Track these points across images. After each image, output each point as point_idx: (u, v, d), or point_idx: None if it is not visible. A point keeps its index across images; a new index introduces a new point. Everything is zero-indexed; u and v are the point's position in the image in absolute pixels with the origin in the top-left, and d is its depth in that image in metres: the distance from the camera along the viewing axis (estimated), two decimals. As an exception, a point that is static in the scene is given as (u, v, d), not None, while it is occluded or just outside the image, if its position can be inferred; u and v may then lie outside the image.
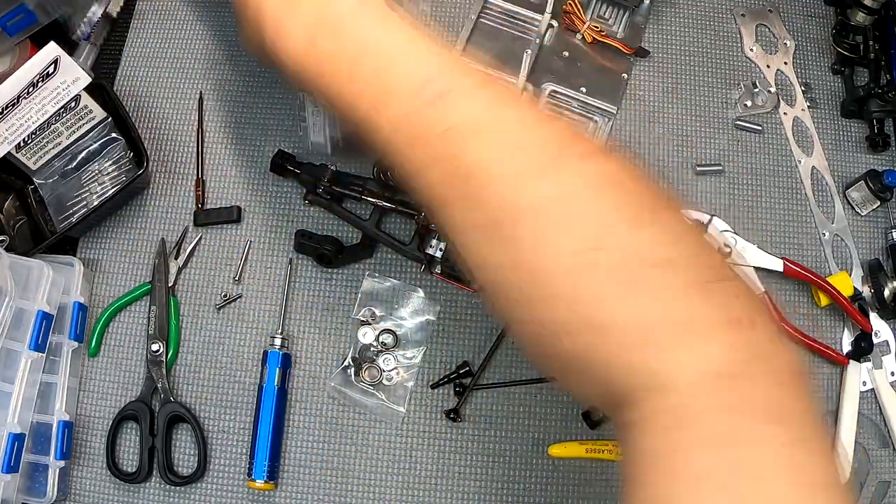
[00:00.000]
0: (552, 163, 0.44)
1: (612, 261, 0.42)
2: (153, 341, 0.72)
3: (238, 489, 0.70)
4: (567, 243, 0.43)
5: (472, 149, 0.45)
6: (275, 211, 0.77)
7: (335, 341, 0.73)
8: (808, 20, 0.84)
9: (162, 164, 0.78)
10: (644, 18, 0.83)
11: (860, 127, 0.80)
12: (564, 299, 0.42)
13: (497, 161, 0.45)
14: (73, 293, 0.71)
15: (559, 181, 0.44)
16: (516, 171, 0.45)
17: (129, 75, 0.82)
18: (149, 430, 0.70)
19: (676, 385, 0.39)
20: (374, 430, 0.71)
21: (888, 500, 0.69)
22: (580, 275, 0.42)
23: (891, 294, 0.72)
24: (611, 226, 0.43)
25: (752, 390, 0.39)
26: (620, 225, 0.43)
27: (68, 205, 0.77)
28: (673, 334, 0.40)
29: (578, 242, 0.43)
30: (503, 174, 0.45)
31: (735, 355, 0.40)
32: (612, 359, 0.41)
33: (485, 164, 0.45)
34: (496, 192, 0.44)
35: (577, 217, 0.43)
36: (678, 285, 0.41)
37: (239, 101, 0.80)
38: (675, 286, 0.41)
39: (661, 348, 0.40)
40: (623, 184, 0.45)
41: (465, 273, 0.68)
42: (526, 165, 0.45)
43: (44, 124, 0.73)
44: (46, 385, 0.68)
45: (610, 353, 0.41)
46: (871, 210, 0.77)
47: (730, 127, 0.80)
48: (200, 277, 0.75)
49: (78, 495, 0.70)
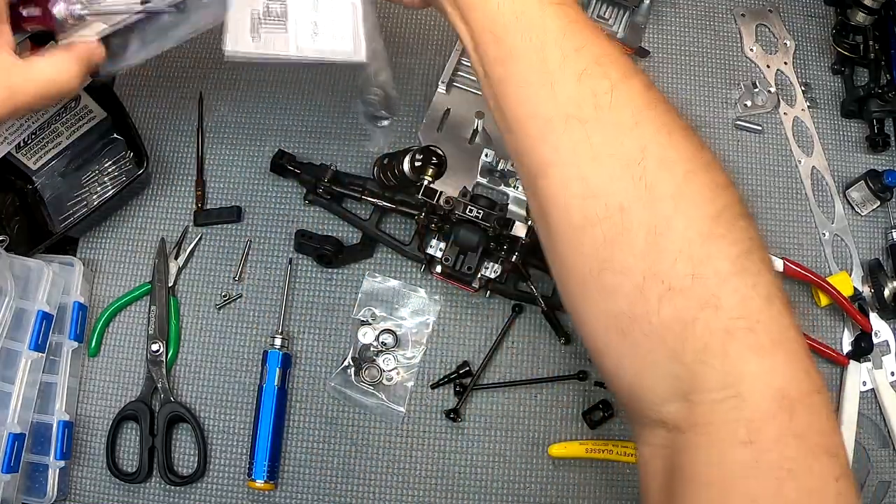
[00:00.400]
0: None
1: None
2: (153, 341, 0.72)
3: (238, 489, 0.70)
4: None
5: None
6: (275, 211, 0.77)
7: (335, 341, 0.73)
8: (808, 20, 0.84)
9: (162, 164, 0.78)
10: (644, 18, 0.83)
11: (860, 127, 0.80)
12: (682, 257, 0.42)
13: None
14: (73, 293, 0.71)
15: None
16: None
17: (129, 75, 0.82)
18: (149, 430, 0.70)
19: (753, 397, 0.40)
20: (374, 430, 0.71)
21: (888, 500, 0.69)
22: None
23: (891, 294, 0.72)
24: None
25: (810, 419, 0.40)
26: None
27: (68, 205, 0.77)
28: (766, 339, 0.41)
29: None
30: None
31: (802, 383, 0.41)
32: (708, 341, 0.41)
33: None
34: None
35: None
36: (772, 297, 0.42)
37: (239, 101, 0.80)
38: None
39: (754, 349, 0.41)
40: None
41: (464, 274, 0.68)
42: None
43: (44, 124, 0.73)
44: (46, 385, 0.68)
45: (708, 332, 0.41)
46: (871, 210, 0.77)
47: (730, 127, 0.80)
48: (200, 277, 0.75)
49: (78, 495, 0.70)
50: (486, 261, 0.70)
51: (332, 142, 0.79)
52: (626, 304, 0.43)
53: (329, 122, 0.80)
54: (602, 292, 0.45)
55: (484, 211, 0.66)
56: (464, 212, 0.66)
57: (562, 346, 0.73)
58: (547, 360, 0.73)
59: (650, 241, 0.42)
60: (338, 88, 0.81)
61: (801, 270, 0.73)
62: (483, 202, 0.67)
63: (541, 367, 0.72)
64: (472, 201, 0.66)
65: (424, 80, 0.81)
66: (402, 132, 0.79)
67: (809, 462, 0.39)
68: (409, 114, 0.80)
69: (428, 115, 0.79)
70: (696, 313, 0.41)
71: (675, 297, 0.42)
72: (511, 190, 0.76)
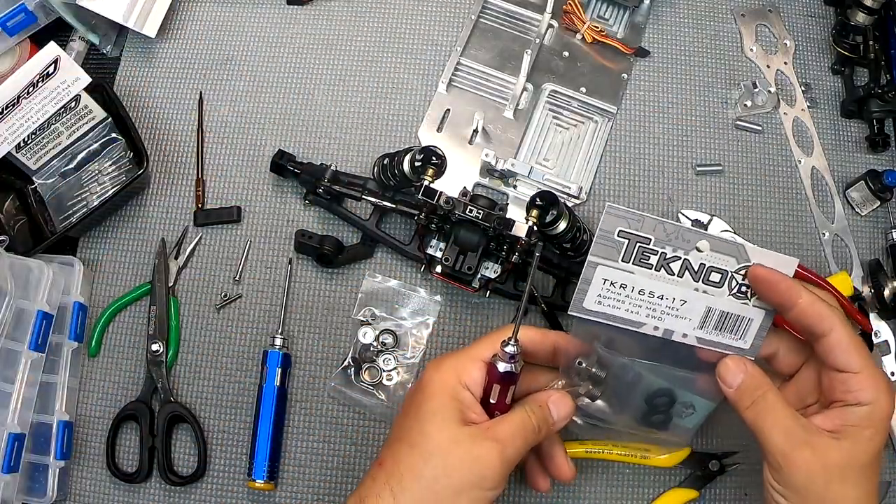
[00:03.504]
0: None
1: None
2: (153, 341, 0.72)
3: (238, 489, 0.70)
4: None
5: None
6: (275, 211, 0.77)
7: (335, 341, 0.73)
8: (808, 20, 0.84)
9: (162, 164, 0.78)
10: (644, 18, 0.83)
11: (860, 127, 0.80)
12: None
13: None
14: (73, 293, 0.71)
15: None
16: None
17: (129, 75, 0.82)
18: (149, 430, 0.70)
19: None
20: (374, 430, 0.71)
21: (888, 500, 0.69)
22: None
23: (891, 294, 0.72)
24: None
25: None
26: None
27: (68, 205, 0.77)
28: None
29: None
30: None
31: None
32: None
33: None
34: None
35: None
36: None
37: (239, 101, 0.80)
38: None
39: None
40: None
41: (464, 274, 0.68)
42: None
43: (44, 124, 0.73)
44: (46, 385, 0.68)
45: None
46: (871, 210, 0.77)
47: (730, 127, 0.80)
48: (200, 277, 0.75)
49: (78, 495, 0.70)
50: (486, 261, 0.70)
51: (332, 142, 0.79)
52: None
53: (329, 122, 0.80)
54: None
55: (484, 211, 0.66)
56: (464, 212, 0.66)
57: (562, 346, 0.73)
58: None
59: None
60: (338, 88, 0.81)
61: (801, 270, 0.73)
62: (483, 202, 0.67)
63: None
64: (472, 201, 0.66)
65: (424, 80, 0.81)
66: (402, 132, 0.79)
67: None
68: (409, 114, 0.80)
69: (428, 115, 0.79)
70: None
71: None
72: (511, 190, 0.76)
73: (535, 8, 0.83)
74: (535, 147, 0.78)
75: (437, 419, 0.53)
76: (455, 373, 0.55)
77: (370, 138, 0.79)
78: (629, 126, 0.79)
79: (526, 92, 0.79)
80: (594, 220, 0.76)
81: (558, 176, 0.74)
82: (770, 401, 0.52)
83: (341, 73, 0.81)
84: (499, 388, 0.55)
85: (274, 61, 0.82)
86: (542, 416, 0.55)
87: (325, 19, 0.83)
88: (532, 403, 0.56)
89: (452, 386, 0.55)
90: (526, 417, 0.55)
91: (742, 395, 0.53)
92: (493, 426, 0.54)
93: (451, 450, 0.52)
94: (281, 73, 0.81)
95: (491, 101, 0.80)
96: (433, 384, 0.55)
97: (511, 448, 0.53)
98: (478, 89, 0.80)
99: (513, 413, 0.55)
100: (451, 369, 0.56)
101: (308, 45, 0.82)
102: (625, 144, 0.79)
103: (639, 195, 0.77)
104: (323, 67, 0.82)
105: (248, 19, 0.83)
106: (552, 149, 0.79)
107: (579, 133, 0.79)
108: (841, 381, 0.51)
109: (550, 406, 0.56)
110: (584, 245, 0.69)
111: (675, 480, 0.69)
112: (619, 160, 0.78)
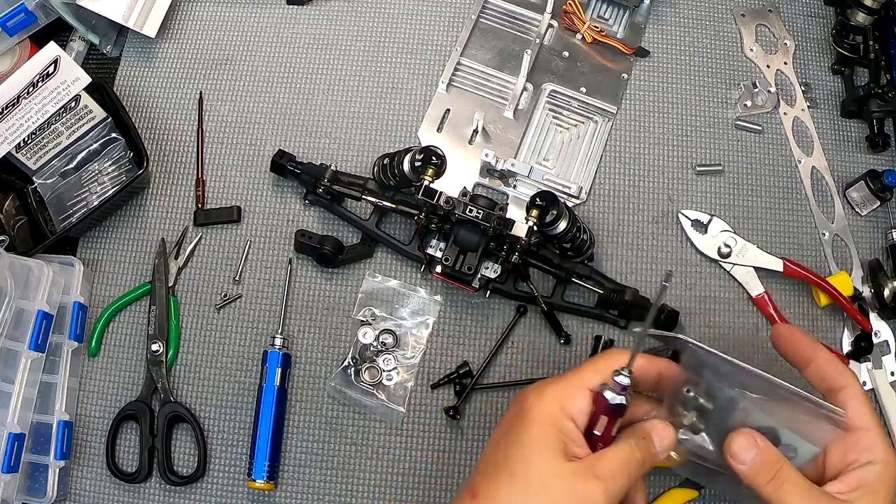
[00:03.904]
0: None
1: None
2: (153, 341, 0.72)
3: (238, 489, 0.70)
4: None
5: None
6: (275, 211, 0.77)
7: (335, 341, 0.73)
8: (808, 20, 0.84)
9: (162, 164, 0.78)
10: (644, 18, 0.83)
11: (860, 127, 0.80)
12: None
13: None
14: (73, 293, 0.71)
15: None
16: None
17: (128, 75, 0.82)
18: (149, 430, 0.70)
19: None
20: (374, 430, 0.71)
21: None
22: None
23: (891, 294, 0.72)
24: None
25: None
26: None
27: (68, 205, 0.77)
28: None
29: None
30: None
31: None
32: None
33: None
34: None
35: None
36: None
37: (239, 101, 0.80)
38: None
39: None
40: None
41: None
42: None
43: (44, 124, 0.73)
44: (46, 385, 0.68)
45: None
46: (871, 210, 0.77)
47: (730, 127, 0.80)
48: (200, 277, 0.75)
49: (78, 495, 0.70)
50: (486, 261, 0.70)
51: (332, 142, 0.79)
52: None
53: (329, 122, 0.80)
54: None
55: (484, 211, 0.66)
56: (464, 212, 0.66)
57: (561, 346, 0.73)
58: (547, 360, 0.73)
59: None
60: (338, 88, 0.81)
61: (801, 270, 0.73)
62: (483, 202, 0.67)
63: (540, 367, 0.72)
64: (472, 201, 0.66)
65: (424, 80, 0.81)
66: (402, 132, 0.79)
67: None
68: (409, 114, 0.80)
69: (428, 115, 0.79)
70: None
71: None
72: (511, 190, 0.76)
73: (535, 8, 0.83)
74: (534, 147, 0.79)
75: (541, 449, 0.50)
76: (559, 402, 0.51)
77: (370, 138, 0.79)
78: (629, 126, 0.79)
79: (526, 92, 0.79)
80: (594, 220, 0.76)
81: (558, 176, 0.74)
82: (788, 474, 0.50)
83: (341, 73, 0.81)
84: (606, 420, 0.51)
85: (274, 61, 0.82)
86: (647, 450, 0.51)
87: (325, 19, 0.83)
88: (636, 435, 0.52)
89: (556, 415, 0.51)
90: (630, 451, 0.50)
91: (759, 471, 0.51)
92: (595, 462, 0.50)
93: (554, 485, 0.48)
94: (281, 73, 0.81)
95: (491, 101, 0.80)
96: (534, 411, 0.51)
97: (615, 486, 0.49)
98: (478, 89, 0.80)
99: (617, 447, 0.51)
100: (554, 398, 0.51)
101: (308, 45, 0.82)
102: (625, 144, 0.79)
103: (639, 195, 0.77)
104: (323, 67, 0.82)
105: (248, 19, 0.83)
106: (552, 149, 0.79)
107: (579, 133, 0.79)
108: (854, 441, 0.51)
109: (654, 437, 0.52)
110: (583, 245, 0.70)
111: (675, 480, 0.69)
112: (619, 160, 0.78)
